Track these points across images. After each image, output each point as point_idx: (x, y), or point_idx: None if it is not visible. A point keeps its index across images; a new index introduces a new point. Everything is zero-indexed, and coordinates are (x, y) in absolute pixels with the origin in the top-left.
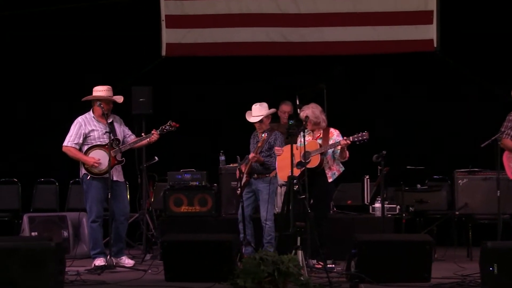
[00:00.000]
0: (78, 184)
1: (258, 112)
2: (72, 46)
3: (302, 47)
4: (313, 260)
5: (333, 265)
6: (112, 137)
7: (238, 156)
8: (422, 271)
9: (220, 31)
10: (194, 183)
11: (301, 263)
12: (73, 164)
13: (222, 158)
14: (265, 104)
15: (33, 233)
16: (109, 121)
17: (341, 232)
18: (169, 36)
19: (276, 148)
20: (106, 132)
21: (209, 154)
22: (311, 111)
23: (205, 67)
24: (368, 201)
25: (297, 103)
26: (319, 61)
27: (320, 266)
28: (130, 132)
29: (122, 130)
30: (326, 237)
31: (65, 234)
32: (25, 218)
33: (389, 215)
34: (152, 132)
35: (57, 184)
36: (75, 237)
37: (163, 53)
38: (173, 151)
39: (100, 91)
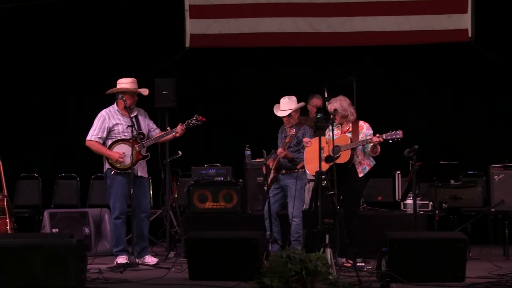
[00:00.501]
0: (100, 179)
1: (286, 106)
2: (95, 38)
3: (331, 38)
4: (342, 259)
5: (363, 264)
6: (136, 131)
7: (264, 151)
8: (456, 270)
9: (246, 21)
10: (219, 178)
11: (329, 262)
12: (95, 159)
13: (248, 152)
14: (294, 98)
15: (54, 230)
16: (134, 114)
17: (372, 229)
18: (193, 26)
19: (305, 139)
20: (128, 126)
21: (235, 149)
22: (339, 103)
23: (230, 58)
24: (400, 198)
25: (326, 95)
26: (348, 52)
27: (350, 265)
28: (155, 126)
29: (147, 124)
30: (355, 234)
31: (87, 231)
32: (46, 214)
33: (422, 212)
34: (178, 126)
35: (78, 179)
36: (96, 234)
37: (187, 44)
38: (197, 146)
39: (125, 83)
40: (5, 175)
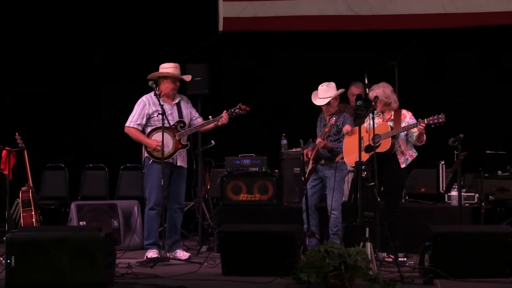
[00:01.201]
0: (129, 170)
1: (325, 93)
2: (126, 22)
3: (371, 21)
4: (383, 253)
5: (405, 259)
6: (167, 119)
7: (301, 140)
8: (503, 265)
9: (283, 4)
10: (254, 169)
11: (370, 257)
12: (124, 148)
13: (284, 142)
14: (332, 84)
15: (81, 223)
16: (176, 101)
17: (414, 222)
18: (226, 9)
19: (345, 127)
20: (158, 114)
21: (270, 138)
22: (381, 90)
23: (266, 43)
24: (444, 189)
25: (366, 82)
26: (390, 36)
27: (391, 260)
28: (197, 115)
29: (189, 112)
30: (397, 228)
31: (115, 223)
32: (73, 206)
33: (467, 205)
34: (222, 114)
35: (106, 170)
36: (125, 227)
37: (220, 28)
38: (231, 134)
39: (167, 68)
40: (30, 165)
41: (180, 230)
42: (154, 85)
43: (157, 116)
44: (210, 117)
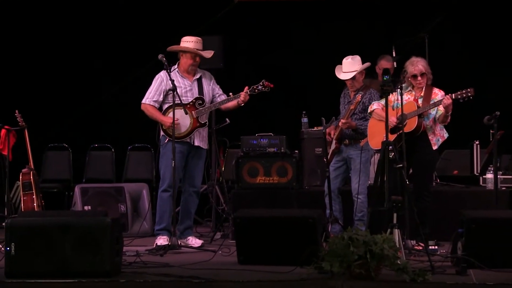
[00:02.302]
0: (138, 150)
1: (350, 67)
2: None
3: None
4: (412, 241)
5: (436, 247)
6: (178, 97)
7: (323, 118)
8: None
9: None
10: (272, 149)
11: (397, 244)
12: (132, 127)
13: (305, 120)
14: (358, 58)
15: (86, 207)
16: (196, 77)
17: (446, 208)
18: None
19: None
20: (169, 90)
21: (290, 115)
22: (426, 63)
23: (285, 13)
24: (478, 172)
25: (394, 55)
26: (419, 5)
27: (421, 248)
28: (221, 91)
29: (211, 89)
30: (427, 213)
31: (123, 208)
32: (77, 189)
33: (504, 188)
34: (243, 92)
35: (113, 150)
36: (134, 212)
37: None
38: (247, 112)
39: (186, 42)
40: (31, 145)
41: (193, 216)
42: (164, 59)
43: (179, 92)
44: (230, 94)
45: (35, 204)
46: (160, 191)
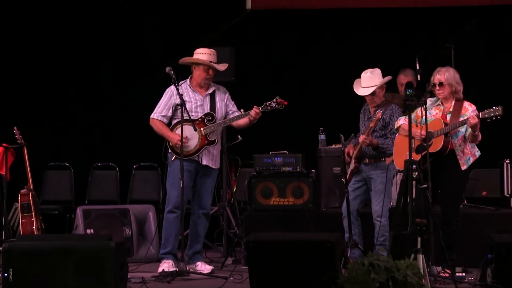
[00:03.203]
0: (144, 169)
1: (369, 81)
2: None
3: None
4: (437, 267)
5: (464, 274)
6: (186, 112)
7: (341, 135)
8: None
9: None
10: (287, 168)
11: (422, 271)
12: (138, 145)
13: (322, 137)
14: (378, 71)
15: (88, 230)
16: (209, 92)
17: (474, 231)
18: None
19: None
20: (177, 105)
21: (306, 132)
22: (452, 74)
23: (300, 23)
24: (509, 193)
25: (417, 67)
26: (445, 13)
27: (447, 275)
28: (235, 108)
29: (225, 105)
30: (455, 237)
31: (128, 231)
32: (79, 211)
33: None
34: (252, 109)
35: (117, 169)
36: (139, 236)
37: (248, 5)
38: (260, 128)
39: (200, 54)
40: (30, 164)
41: (203, 240)
42: (172, 72)
43: (188, 107)
44: (241, 110)
45: (34, 227)
46: (165, 212)
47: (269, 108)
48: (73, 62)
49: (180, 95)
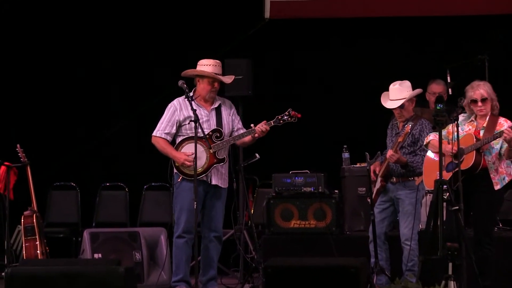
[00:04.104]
0: (155, 190)
1: (398, 94)
2: (149, 8)
3: (452, 5)
4: None
5: None
6: (200, 127)
7: (367, 153)
8: None
9: None
10: (308, 189)
11: None
12: (148, 164)
13: (346, 155)
14: (407, 83)
15: (96, 255)
16: (215, 106)
17: (509, 256)
18: None
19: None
20: (190, 120)
21: (329, 150)
22: (491, 88)
23: (322, 32)
24: None
25: (448, 80)
26: (477, 22)
27: None
28: (240, 125)
29: (231, 120)
30: (488, 262)
31: (138, 256)
32: (86, 234)
33: None
34: (258, 125)
35: (127, 190)
36: (150, 261)
37: (267, 14)
38: (279, 146)
39: (204, 65)
40: (34, 184)
41: (217, 265)
42: (185, 85)
43: (189, 123)
44: (252, 125)
45: (38, 251)
46: (174, 237)
47: (281, 122)
48: (81, 76)
49: (194, 110)
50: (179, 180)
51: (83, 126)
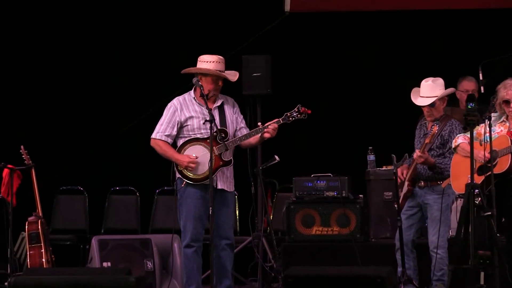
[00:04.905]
0: (168, 195)
1: (429, 91)
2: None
3: None
4: None
5: None
6: (216, 128)
7: (393, 155)
8: None
9: None
10: (331, 193)
11: None
12: (160, 166)
13: (371, 157)
14: (440, 81)
15: (105, 264)
16: (217, 104)
17: None
18: None
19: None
20: (205, 120)
21: (352, 152)
22: None
23: (346, 27)
24: None
25: (480, 77)
26: (510, 17)
27: None
28: (243, 124)
29: (235, 119)
30: None
31: (149, 265)
32: (94, 242)
33: None
34: (269, 123)
35: (138, 194)
36: (162, 270)
37: (287, 8)
38: (300, 148)
39: (206, 62)
40: (39, 188)
41: (232, 274)
42: (200, 82)
43: (196, 124)
44: (259, 124)
45: (43, 260)
46: (183, 247)
47: (290, 119)
48: (89, 77)
49: (209, 110)
50: (183, 185)
51: (91, 126)
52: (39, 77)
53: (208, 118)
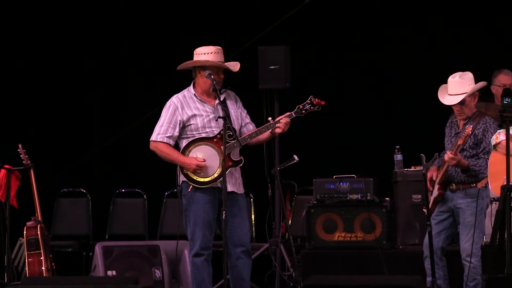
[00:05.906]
0: (177, 198)
1: (458, 88)
2: None
3: None
4: None
5: None
6: (214, 127)
7: (423, 155)
8: None
9: None
10: (355, 196)
11: None
12: (169, 168)
13: (398, 157)
14: (469, 75)
15: (109, 272)
16: (220, 99)
17: None
18: None
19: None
20: (218, 117)
21: (378, 151)
22: None
23: (371, 16)
24: None
25: None
26: None
27: None
28: (248, 119)
29: (239, 114)
30: None
31: (158, 274)
32: (98, 248)
33: None
34: (281, 117)
35: (145, 197)
36: (172, 279)
37: None
38: (321, 146)
39: (205, 54)
40: (38, 190)
41: (249, 283)
42: (212, 77)
43: (200, 123)
44: (269, 119)
45: (43, 268)
46: (191, 256)
47: (303, 112)
48: (93, 73)
49: (223, 105)
50: (189, 190)
51: (95, 124)
52: (39, 71)
53: (216, 115)
